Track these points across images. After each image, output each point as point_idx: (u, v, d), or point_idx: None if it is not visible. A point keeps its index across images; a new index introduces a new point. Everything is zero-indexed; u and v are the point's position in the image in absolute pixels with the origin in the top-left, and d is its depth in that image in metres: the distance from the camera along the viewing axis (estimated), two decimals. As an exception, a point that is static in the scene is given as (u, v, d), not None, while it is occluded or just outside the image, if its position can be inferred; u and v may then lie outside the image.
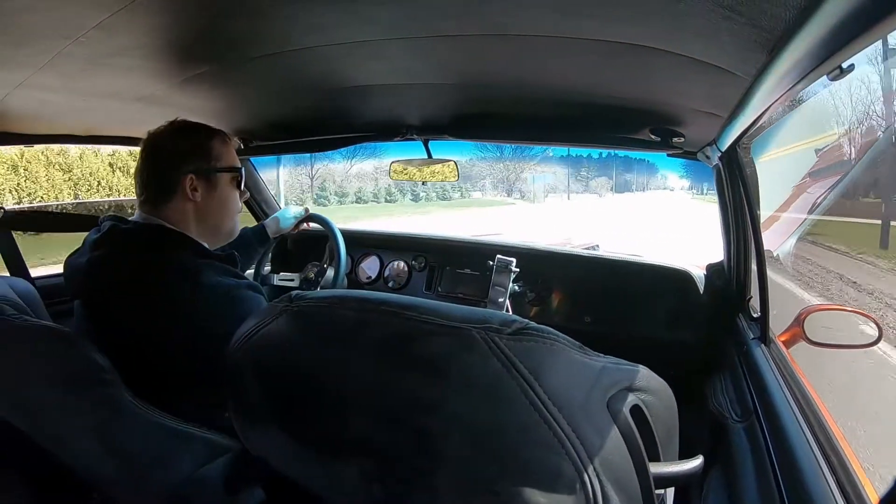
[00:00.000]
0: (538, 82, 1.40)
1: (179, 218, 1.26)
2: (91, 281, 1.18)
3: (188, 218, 1.28)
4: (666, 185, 27.75)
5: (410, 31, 1.08)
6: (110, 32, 1.01)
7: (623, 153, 15.70)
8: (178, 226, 1.25)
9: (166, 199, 1.25)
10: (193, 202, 1.28)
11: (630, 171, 28.04)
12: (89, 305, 1.20)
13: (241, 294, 1.18)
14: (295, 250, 2.74)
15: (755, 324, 1.56)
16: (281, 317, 0.72)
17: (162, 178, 1.26)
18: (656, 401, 0.76)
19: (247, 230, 2.05)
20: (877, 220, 6.72)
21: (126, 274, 1.15)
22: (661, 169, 27.89)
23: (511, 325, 0.60)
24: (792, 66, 0.83)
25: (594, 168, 27.58)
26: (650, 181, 28.18)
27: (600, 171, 27.73)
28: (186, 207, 1.27)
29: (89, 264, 1.17)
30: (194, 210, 1.29)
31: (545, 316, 2.28)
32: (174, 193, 1.26)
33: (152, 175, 1.27)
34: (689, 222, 14.64)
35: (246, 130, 2.09)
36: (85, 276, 1.18)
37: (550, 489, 0.57)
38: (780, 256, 6.27)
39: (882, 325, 1.59)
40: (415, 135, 2.03)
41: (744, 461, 1.11)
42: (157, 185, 1.26)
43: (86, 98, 1.49)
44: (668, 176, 26.97)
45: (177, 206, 1.26)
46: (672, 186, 27.10)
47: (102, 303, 1.17)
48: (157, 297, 1.13)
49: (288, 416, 0.73)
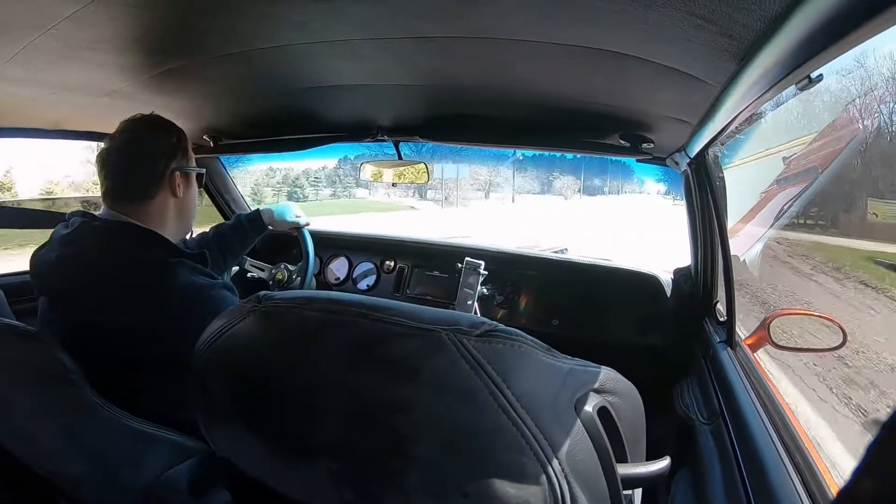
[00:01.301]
0: (510, 86, 1.41)
1: (158, 213, 1.25)
2: (61, 277, 1.15)
3: (168, 213, 1.27)
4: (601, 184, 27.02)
5: (385, 32, 1.08)
6: (81, 25, 0.99)
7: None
8: (154, 222, 1.23)
9: (148, 194, 1.23)
10: (176, 198, 1.28)
11: (553, 168, 26.71)
12: (57, 302, 1.18)
13: (214, 293, 1.18)
14: (263, 249, 2.71)
15: (722, 328, 1.59)
16: (249, 317, 0.71)
17: (148, 173, 1.24)
18: (623, 402, 0.76)
19: (240, 216, 2.03)
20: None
21: (97, 272, 1.13)
22: (579, 166, 26.58)
23: (479, 326, 0.60)
24: (761, 76, 0.85)
25: (534, 166, 26.10)
26: (557, 180, 27.03)
27: (536, 169, 26.33)
28: (169, 203, 1.27)
29: (59, 261, 1.14)
30: (175, 206, 1.28)
31: (513, 318, 2.29)
32: (159, 189, 1.24)
33: (137, 168, 1.24)
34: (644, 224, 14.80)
35: (216, 129, 2.06)
36: (54, 273, 1.15)
37: (519, 490, 0.57)
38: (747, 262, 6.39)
39: (846, 329, 1.63)
40: (385, 136, 2.03)
41: (710, 462, 1.12)
42: (142, 179, 1.24)
43: (54, 91, 1.46)
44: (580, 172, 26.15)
45: (159, 202, 1.25)
46: (628, 189, 26.49)
47: (71, 300, 1.15)
48: (128, 295, 1.11)
49: (255, 417, 0.72)
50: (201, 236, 1.97)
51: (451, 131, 1.92)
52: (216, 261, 1.88)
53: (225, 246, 1.93)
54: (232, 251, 1.97)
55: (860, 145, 6.28)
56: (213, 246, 1.88)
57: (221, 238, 1.94)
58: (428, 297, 2.45)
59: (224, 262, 1.96)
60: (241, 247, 2.01)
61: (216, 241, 1.92)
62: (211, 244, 1.89)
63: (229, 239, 1.95)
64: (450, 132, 1.93)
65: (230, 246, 1.95)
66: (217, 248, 1.90)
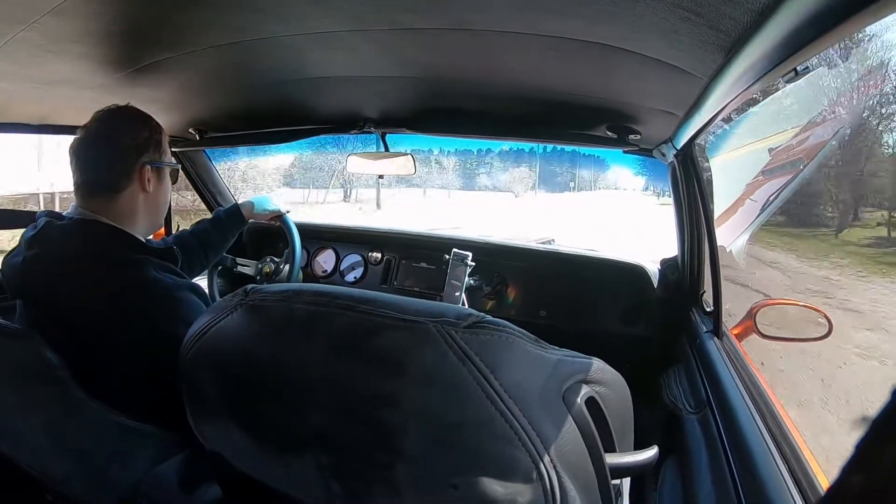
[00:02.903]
0: (497, 77, 1.41)
1: (128, 208, 1.22)
2: (27, 280, 1.13)
3: (137, 209, 1.24)
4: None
5: (370, 23, 1.07)
6: (64, 18, 0.98)
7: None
8: (123, 217, 1.21)
9: (118, 187, 1.21)
10: (146, 193, 1.24)
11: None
12: (27, 304, 1.16)
13: (178, 294, 1.15)
14: (250, 242, 2.70)
15: (708, 318, 1.60)
16: (236, 311, 0.71)
17: (118, 166, 1.21)
18: (611, 393, 0.77)
19: (219, 211, 2.01)
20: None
21: (60, 272, 1.11)
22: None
23: (466, 318, 0.60)
24: (748, 68, 0.85)
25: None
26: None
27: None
28: (139, 198, 1.24)
29: (24, 263, 1.12)
30: (145, 201, 1.25)
31: (501, 310, 2.30)
32: (129, 182, 1.21)
33: (107, 161, 1.22)
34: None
35: (202, 121, 2.04)
36: (20, 276, 1.13)
37: (508, 481, 0.58)
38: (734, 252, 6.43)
39: (832, 319, 1.65)
40: (372, 127, 2.02)
41: (698, 451, 1.13)
42: (112, 173, 1.21)
43: (38, 86, 1.45)
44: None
45: (129, 196, 1.22)
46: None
47: (39, 301, 1.13)
48: (93, 294, 1.09)
49: (243, 411, 0.72)
50: (180, 233, 1.95)
51: (438, 123, 1.92)
52: (196, 257, 1.86)
53: (205, 241, 1.91)
54: (213, 246, 1.94)
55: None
56: (192, 242, 1.86)
57: (201, 234, 1.92)
58: (415, 288, 2.44)
59: (206, 257, 1.93)
60: (222, 241, 1.98)
61: (195, 237, 1.90)
62: (190, 240, 1.87)
63: (209, 234, 1.92)
64: (437, 124, 1.93)
65: (210, 241, 1.93)
66: (197, 243, 1.87)
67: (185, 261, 1.32)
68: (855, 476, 0.28)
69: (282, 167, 16.99)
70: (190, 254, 1.81)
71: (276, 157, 15.55)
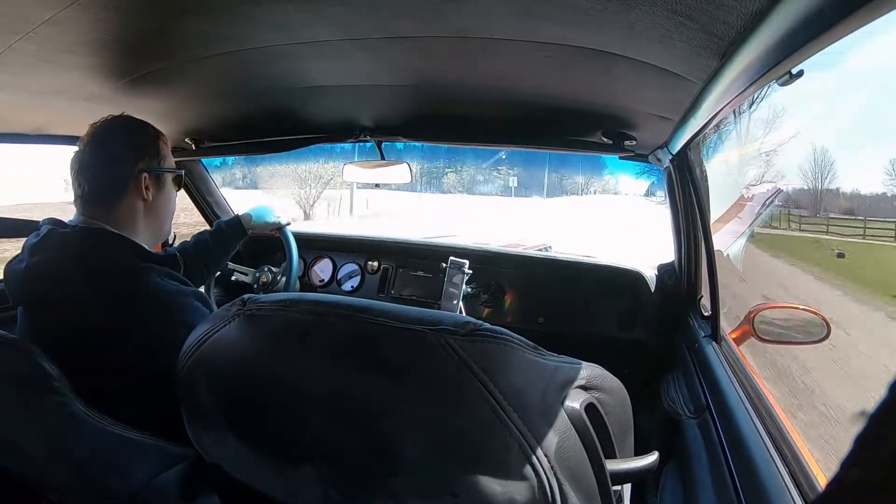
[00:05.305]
0: (492, 84, 1.41)
1: (127, 217, 1.22)
2: (29, 287, 1.13)
3: (137, 217, 1.24)
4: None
5: (365, 32, 1.08)
6: (61, 28, 0.98)
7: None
8: (124, 226, 1.21)
9: (116, 196, 1.21)
10: (144, 201, 1.24)
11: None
12: (29, 311, 1.16)
13: (183, 301, 1.16)
14: (246, 251, 2.69)
15: (706, 322, 1.60)
16: (234, 321, 0.71)
17: (114, 175, 1.21)
18: (610, 398, 0.77)
19: (220, 223, 2.01)
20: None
21: (64, 279, 1.11)
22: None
23: (465, 326, 0.60)
24: (743, 72, 0.85)
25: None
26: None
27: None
28: (137, 206, 1.23)
29: (27, 270, 1.12)
30: (144, 209, 1.25)
31: (498, 317, 2.30)
32: (126, 191, 1.21)
33: (103, 171, 1.22)
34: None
35: (198, 131, 2.04)
36: (23, 283, 1.13)
37: (508, 488, 0.57)
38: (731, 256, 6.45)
39: (830, 322, 1.64)
40: (368, 136, 2.02)
41: (698, 456, 1.13)
42: (108, 182, 1.21)
43: (35, 96, 1.44)
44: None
45: (127, 205, 1.22)
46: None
47: (42, 309, 1.13)
48: (96, 302, 1.09)
49: (242, 421, 0.72)
50: (182, 245, 1.94)
51: (434, 131, 1.92)
52: (197, 269, 1.85)
53: (206, 254, 1.90)
54: (214, 259, 1.94)
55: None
56: (193, 254, 1.85)
57: (202, 246, 1.91)
58: (413, 297, 2.44)
59: (207, 269, 1.93)
60: (222, 253, 1.98)
61: (196, 249, 1.89)
62: (191, 252, 1.86)
63: (210, 246, 1.92)
64: (433, 132, 1.93)
65: (211, 253, 1.92)
66: (198, 256, 1.87)
67: (186, 272, 1.31)
68: (853, 471, 0.28)
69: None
70: (191, 265, 1.79)
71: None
